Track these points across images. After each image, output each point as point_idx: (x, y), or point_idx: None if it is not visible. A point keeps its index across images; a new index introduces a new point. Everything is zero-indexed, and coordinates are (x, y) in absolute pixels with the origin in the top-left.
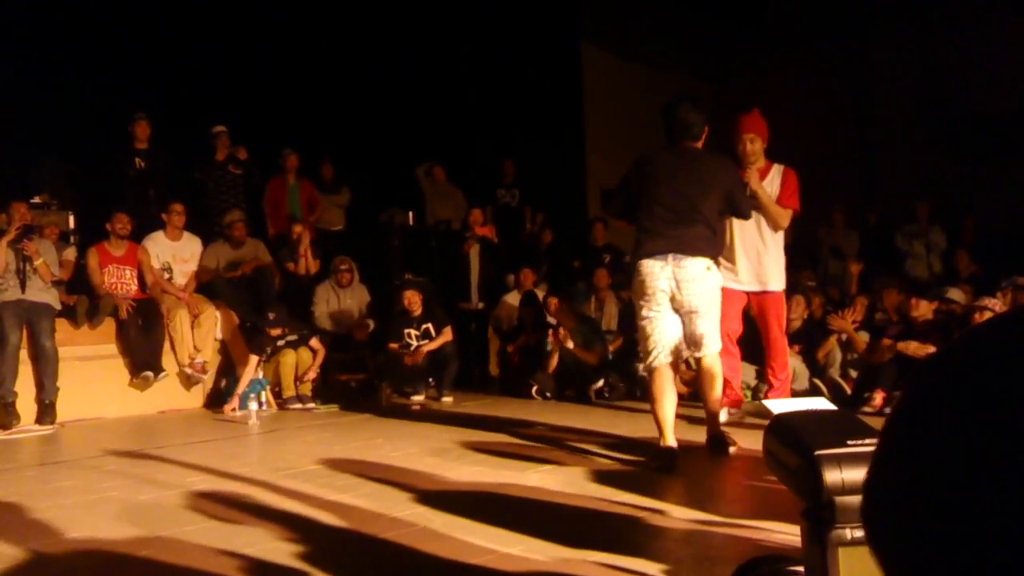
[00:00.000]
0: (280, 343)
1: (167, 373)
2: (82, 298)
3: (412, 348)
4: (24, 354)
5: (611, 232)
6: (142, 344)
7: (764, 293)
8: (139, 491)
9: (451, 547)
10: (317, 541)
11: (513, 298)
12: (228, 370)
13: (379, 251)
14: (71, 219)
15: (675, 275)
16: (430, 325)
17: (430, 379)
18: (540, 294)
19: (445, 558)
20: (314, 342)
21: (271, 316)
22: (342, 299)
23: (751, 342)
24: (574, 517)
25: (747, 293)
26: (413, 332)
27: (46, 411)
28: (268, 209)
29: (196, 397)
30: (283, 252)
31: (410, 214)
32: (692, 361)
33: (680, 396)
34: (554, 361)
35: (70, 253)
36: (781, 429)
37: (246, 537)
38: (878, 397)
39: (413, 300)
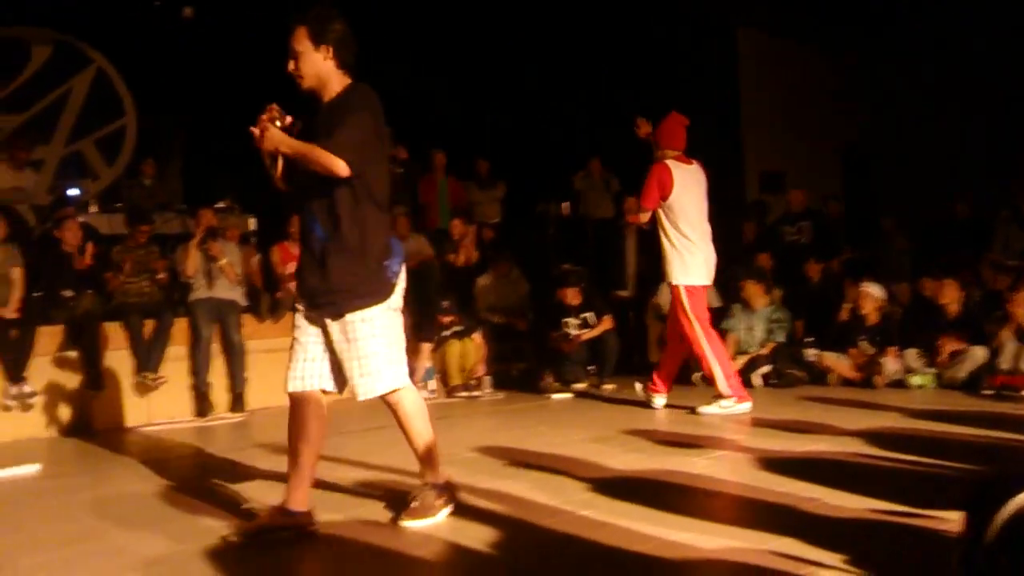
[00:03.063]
0: (446, 333)
1: None
2: (264, 294)
3: (571, 337)
4: (216, 348)
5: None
6: None
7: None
8: (324, 474)
9: (615, 534)
10: (482, 526)
11: None
12: None
13: (537, 242)
14: (252, 222)
15: None
16: (589, 314)
17: (591, 367)
18: None
19: (609, 544)
20: (477, 337)
21: (445, 304)
22: (502, 290)
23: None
24: (741, 505)
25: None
26: (573, 321)
27: (237, 400)
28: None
29: None
30: (446, 245)
31: (565, 205)
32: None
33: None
34: None
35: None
36: None
37: None
38: None
39: (570, 294)
